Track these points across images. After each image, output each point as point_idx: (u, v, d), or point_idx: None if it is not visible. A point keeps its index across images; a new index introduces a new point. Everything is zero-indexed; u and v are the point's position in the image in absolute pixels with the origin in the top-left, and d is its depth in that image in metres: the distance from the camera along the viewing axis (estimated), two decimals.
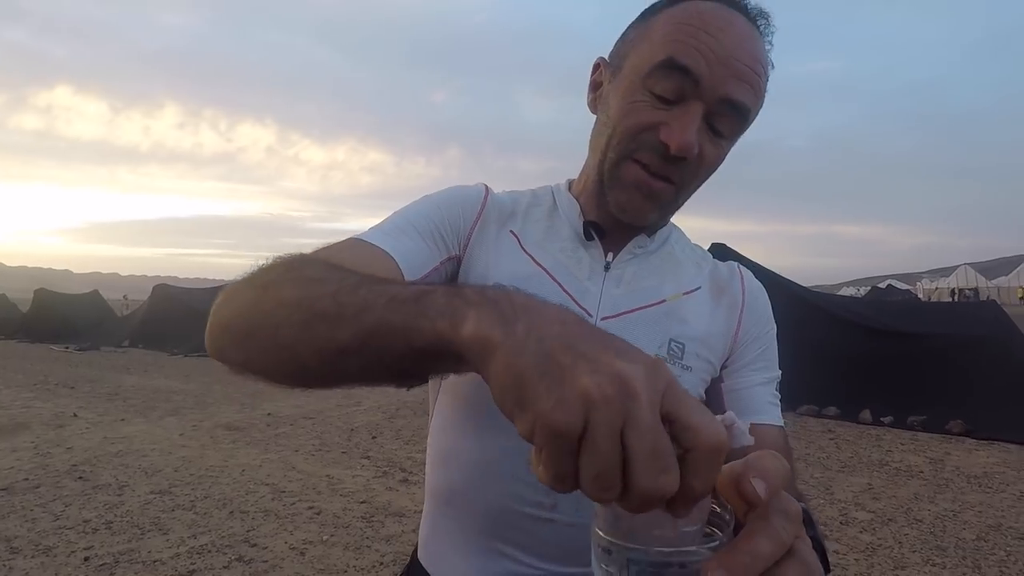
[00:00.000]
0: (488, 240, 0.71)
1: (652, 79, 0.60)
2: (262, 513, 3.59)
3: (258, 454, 4.95)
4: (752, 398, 0.71)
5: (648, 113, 0.61)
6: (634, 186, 0.63)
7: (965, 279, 54.73)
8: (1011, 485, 4.03)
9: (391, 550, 3.06)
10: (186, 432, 5.72)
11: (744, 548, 0.31)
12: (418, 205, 0.71)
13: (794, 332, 7.82)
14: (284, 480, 4.24)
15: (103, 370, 10.56)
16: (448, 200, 0.72)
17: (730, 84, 0.59)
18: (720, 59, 0.58)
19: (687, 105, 0.60)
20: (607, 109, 0.66)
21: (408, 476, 4.32)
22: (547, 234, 0.72)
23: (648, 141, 0.61)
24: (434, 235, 0.69)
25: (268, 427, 5.99)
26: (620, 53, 0.66)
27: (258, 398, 7.75)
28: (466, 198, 0.73)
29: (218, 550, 3.06)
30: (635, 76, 0.62)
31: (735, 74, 0.59)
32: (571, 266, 0.70)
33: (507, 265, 0.69)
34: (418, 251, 0.66)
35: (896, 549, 3.06)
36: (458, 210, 0.71)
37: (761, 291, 0.77)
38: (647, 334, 0.67)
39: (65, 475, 4.31)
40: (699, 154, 0.61)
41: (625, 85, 0.63)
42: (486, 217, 0.72)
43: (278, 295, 0.44)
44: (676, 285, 0.71)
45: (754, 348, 0.73)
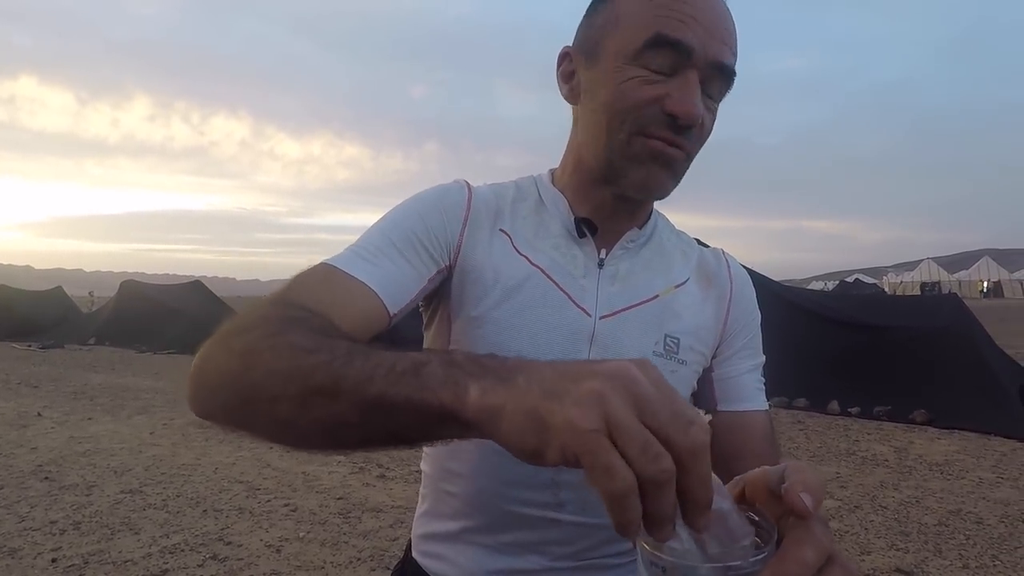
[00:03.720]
0: (481, 243, 0.69)
1: (645, 57, 0.60)
2: (236, 511, 3.54)
3: (231, 452, 4.87)
4: (741, 386, 0.73)
5: (648, 88, 0.60)
6: (652, 159, 0.62)
7: (929, 273, 56.53)
8: (970, 472, 4.20)
9: (368, 545, 3.05)
10: (156, 430, 5.60)
11: (792, 558, 0.33)
12: (399, 217, 0.68)
13: (765, 325, 7.99)
14: (259, 478, 4.18)
15: (68, 368, 10.25)
16: (430, 207, 0.69)
17: (717, 48, 0.60)
18: (704, 26, 0.59)
19: (685, 75, 0.60)
20: (594, 96, 0.64)
21: (385, 472, 4.30)
22: (537, 231, 0.71)
23: (654, 115, 0.61)
24: (418, 250, 0.66)
25: None
26: (590, 39, 0.65)
27: None
28: (449, 202, 0.70)
29: (191, 549, 3.01)
30: (622, 57, 0.61)
31: (719, 38, 0.60)
32: (566, 264, 0.69)
33: (503, 268, 0.68)
34: (400, 275, 0.63)
35: (862, 535, 3.17)
36: (442, 217, 0.68)
37: (747, 279, 0.78)
38: (644, 330, 0.68)
39: (30, 476, 4.18)
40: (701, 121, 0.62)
41: (611, 67, 0.62)
42: (474, 219, 0.70)
43: (266, 365, 0.42)
44: (667, 278, 0.72)
45: (741, 337, 0.75)
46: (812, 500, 0.34)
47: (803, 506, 0.34)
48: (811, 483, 0.35)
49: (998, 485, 3.92)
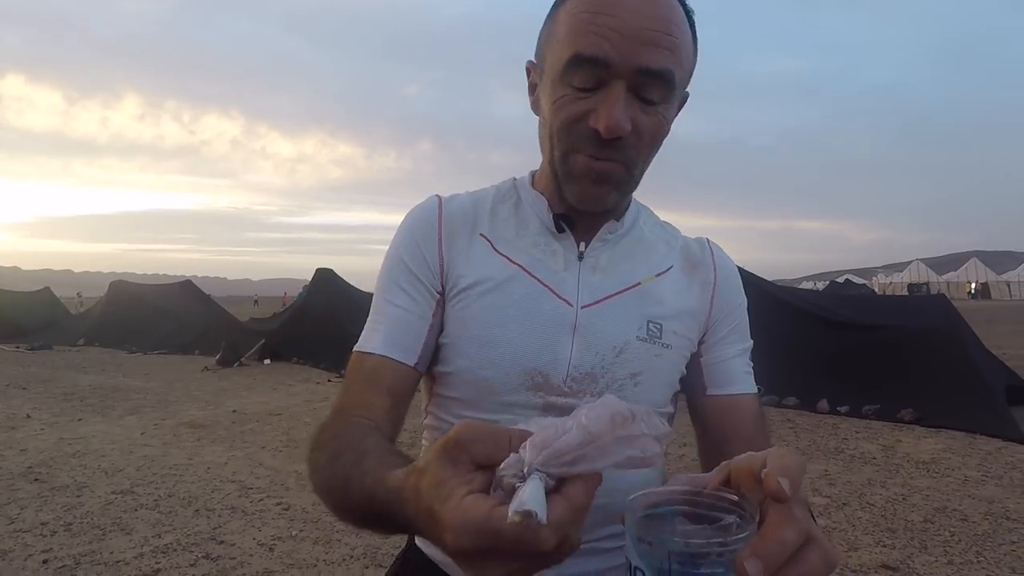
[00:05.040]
0: (460, 252, 0.72)
1: (568, 75, 0.61)
2: (229, 510, 3.54)
3: (224, 451, 4.86)
4: (730, 370, 0.75)
5: (573, 106, 0.62)
6: (583, 175, 0.64)
7: (917, 274, 57.04)
8: (956, 471, 4.26)
9: (361, 543, 3.05)
10: (147, 431, 5.57)
11: (772, 537, 0.35)
12: (388, 267, 0.73)
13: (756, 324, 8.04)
14: (251, 477, 4.18)
15: (57, 369, 10.17)
16: (406, 244, 0.72)
17: (642, 55, 0.59)
18: (624, 35, 0.58)
19: (608, 88, 0.60)
20: (542, 110, 0.68)
21: None
22: (517, 231, 0.73)
23: (581, 131, 0.62)
24: (411, 295, 0.71)
25: (234, 424, 5.88)
26: (541, 54, 0.68)
27: (222, 396, 7.59)
28: (420, 229, 0.73)
29: (184, 548, 3.01)
30: (554, 74, 0.63)
31: (645, 43, 0.59)
32: (546, 260, 0.71)
33: (484, 271, 0.70)
34: (406, 329, 0.70)
35: (850, 532, 3.21)
36: (418, 249, 0.72)
37: (732, 266, 0.79)
38: (625, 317, 0.70)
39: (20, 477, 4.16)
40: (635, 128, 0.61)
41: (549, 84, 0.64)
42: (448, 233, 0.72)
43: (318, 483, 0.60)
44: (648, 267, 0.73)
45: (728, 322, 0.76)
46: (790, 484, 0.36)
47: (780, 489, 0.36)
48: (790, 468, 0.37)
49: (983, 483, 3.98)
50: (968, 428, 5.30)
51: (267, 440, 5.24)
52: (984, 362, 6.66)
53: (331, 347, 10.30)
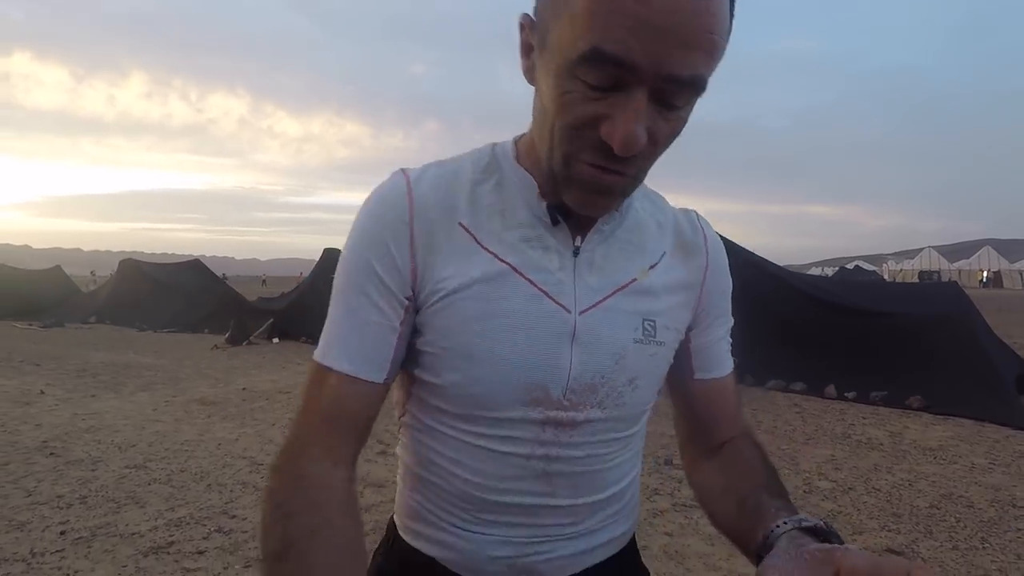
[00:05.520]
0: (437, 250, 0.62)
1: (581, 69, 0.50)
2: (240, 485, 3.59)
3: (234, 428, 4.92)
4: (716, 353, 0.74)
5: (583, 106, 0.52)
6: (586, 185, 0.56)
7: (929, 262, 56.51)
8: (963, 458, 4.25)
9: (371, 519, 3.10)
10: (159, 407, 5.65)
11: None
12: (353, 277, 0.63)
13: (765, 309, 8.00)
14: (261, 453, 4.24)
15: (69, 347, 10.30)
16: (374, 244, 0.62)
17: (675, 59, 0.48)
18: (657, 32, 0.47)
19: (628, 94, 0.50)
20: (541, 93, 0.57)
21: (386, 448, 4.35)
22: (504, 220, 0.63)
23: (590, 139, 0.53)
24: (384, 308, 0.62)
25: (243, 402, 5.95)
26: (543, 17, 0.55)
27: (232, 373, 7.67)
28: (388, 222, 0.62)
29: (197, 522, 3.07)
30: (562, 60, 0.51)
31: (680, 44, 0.48)
32: (539, 258, 0.63)
33: (469, 271, 0.61)
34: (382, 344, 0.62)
35: (855, 516, 3.22)
36: (387, 249, 0.62)
37: (721, 245, 0.75)
38: (624, 319, 0.65)
39: (35, 452, 4.24)
40: (651, 137, 0.52)
41: (553, 69, 0.53)
42: (420, 226, 0.62)
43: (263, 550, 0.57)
44: (643, 258, 0.68)
45: (716, 306, 0.73)
46: None
47: None
48: None
49: (990, 471, 3.98)
50: (977, 416, 5.28)
51: (276, 417, 5.31)
52: (995, 350, 6.62)
53: None
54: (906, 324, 6.60)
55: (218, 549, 2.78)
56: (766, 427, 5.04)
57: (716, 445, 0.73)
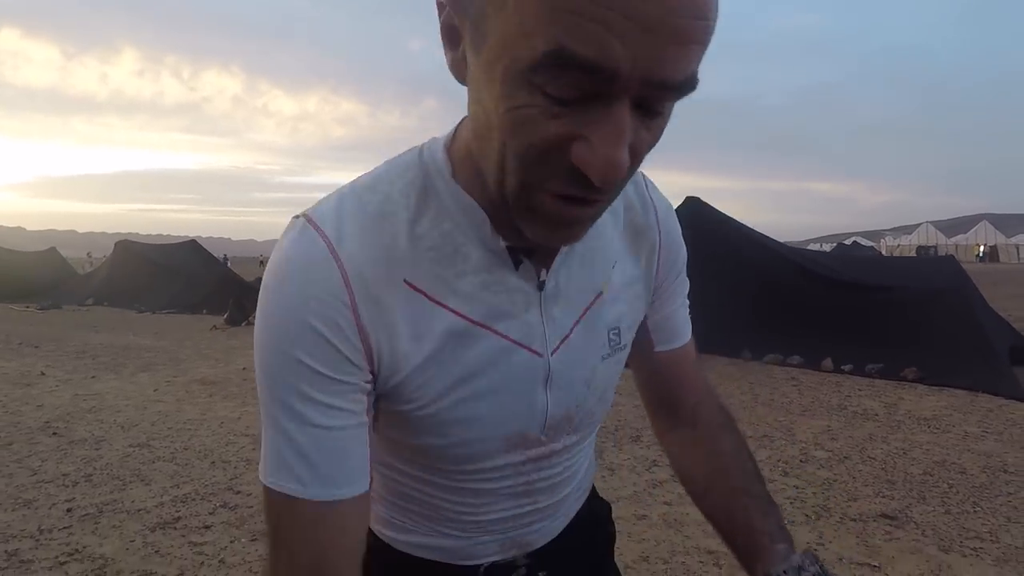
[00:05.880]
0: (386, 320, 0.49)
1: (539, 76, 0.37)
2: (244, 462, 3.64)
3: (236, 407, 4.96)
4: (675, 324, 0.70)
5: (545, 125, 0.39)
6: (554, 220, 0.44)
7: (927, 237, 56.55)
8: (956, 427, 4.32)
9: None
10: (160, 388, 5.68)
11: None
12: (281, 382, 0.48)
13: (763, 285, 8.00)
14: None
15: (68, 328, 10.31)
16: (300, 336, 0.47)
17: (667, 59, 0.36)
18: (644, 27, 0.35)
19: (605, 106, 0.38)
20: (479, 98, 0.42)
21: None
22: (454, 265, 0.51)
23: (555, 164, 0.40)
24: (342, 407, 0.49)
25: (244, 381, 5.98)
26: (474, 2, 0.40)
27: (232, 353, 7.70)
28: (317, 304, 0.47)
29: (202, 498, 3.11)
30: (510, 63, 0.38)
31: (672, 39, 0.36)
32: (502, 303, 0.53)
33: (429, 337, 0.51)
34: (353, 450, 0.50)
35: (850, 484, 3.28)
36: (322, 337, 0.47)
37: (670, 211, 0.66)
38: (591, 341, 0.59)
39: (39, 431, 4.27)
40: (632, 152, 0.40)
41: (499, 72, 0.39)
42: (360, 294, 0.48)
43: None
44: (604, 263, 0.59)
45: (671, 278, 0.67)
46: None
47: None
48: None
49: (983, 438, 4.04)
50: (970, 386, 5.34)
51: None
52: (990, 323, 6.67)
53: None
54: (903, 298, 6.63)
55: (224, 524, 2.82)
56: (763, 399, 5.10)
57: (686, 411, 0.73)
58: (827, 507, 2.98)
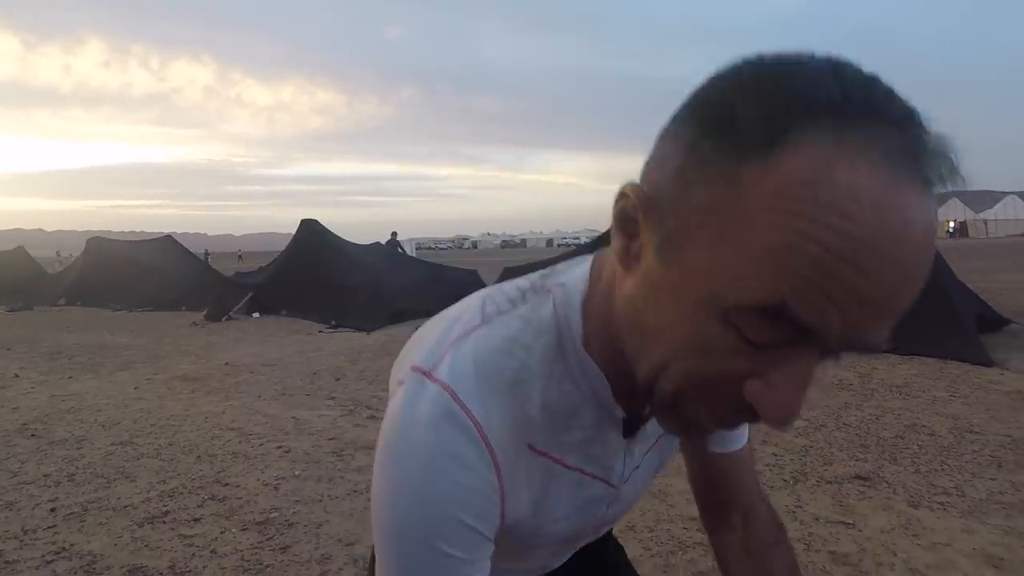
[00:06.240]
0: (517, 484, 0.51)
1: (740, 317, 0.36)
2: (230, 455, 3.63)
3: (220, 402, 4.93)
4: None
5: (729, 359, 0.38)
6: (697, 428, 0.44)
7: None
8: (926, 392, 4.48)
9: (363, 479, 3.17)
10: (141, 386, 5.61)
11: None
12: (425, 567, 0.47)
13: None
14: (249, 424, 4.27)
15: (40, 329, 10.07)
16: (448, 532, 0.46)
17: (872, 329, 0.36)
18: (865, 305, 0.34)
19: (796, 355, 0.37)
20: (654, 303, 0.41)
21: (375, 413, 4.41)
22: (567, 421, 0.52)
23: (724, 392, 0.39)
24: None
25: (227, 376, 5.94)
26: (675, 212, 0.38)
27: (213, 349, 7.61)
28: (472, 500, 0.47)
29: (190, 492, 3.10)
30: (709, 294, 0.37)
31: (885, 315, 0.36)
32: (599, 454, 0.55)
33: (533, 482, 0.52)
34: None
35: (826, 449, 3.40)
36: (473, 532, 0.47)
37: None
38: (656, 461, 0.63)
39: (16, 434, 4.19)
40: None
41: (691, 296, 0.38)
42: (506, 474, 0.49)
43: None
44: None
45: None
46: None
47: None
48: None
49: (950, 402, 4.20)
50: (940, 354, 5.53)
51: (262, 390, 5.31)
52: (958, 294, 6.87)
53: (320, 298, 10.30)
54: None
55: (214, 515, 2.82)
56: None
57: (736, 516, 0.73)
58: (804, 471, 3.09)
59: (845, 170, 0.33)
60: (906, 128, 0.34)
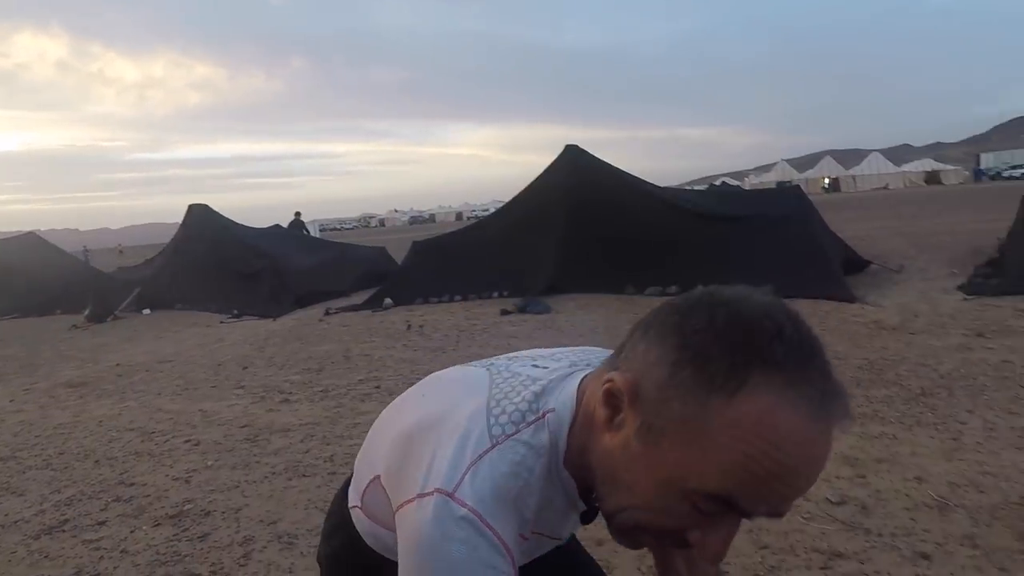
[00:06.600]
0: None
1: (697, 497, 0.52)
2: (133, 456, 3.42)
3: (114, 404, 4.59)
4: None
5: (681, 520, 0.54)
6: (637, 546, 0.62)
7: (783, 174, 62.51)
8: None
9: (281, 461, 3.12)
10: (17, 397, 5.08)
11: None
12: None
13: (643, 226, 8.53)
14: (151, 422, 4.02)
15: None
16: None
17: (785, 508, 0.52)
18: (785, 495, 0.51)
19: (727, 519, 0.54)
20: (630, 464, 0.55)
21: (288, 397, 4.30)
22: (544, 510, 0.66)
23: (671, 535, 0.57)
24: None
25: (120, 377, 5.51)
26: (658, 410, 0.53)
27: (101, 351, 7.01)
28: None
29: (89, 497, 2.91)
30: (677, 478, 0.52)
31: (797, 497, 0.52)
32: (560, 526, 0.73)
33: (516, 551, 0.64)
34: None
35: None
36: None
37: None
38: None
39: None
40: None
41: (663, 477, 0.53)
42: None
43: None
44: None
45: None
46: None
47: None
48: None
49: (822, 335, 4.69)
50: (814, 295, 6.19)
51: (161, 387, 4.99)
52: (828, 242, 7.70)
53: (218, 288, 9.70)
54: (760, 224, 7.46)
55: (120, 516, 2.67)
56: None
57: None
58: None
59: (783, 416, 0.48)
60: (823, 383, 0.50)
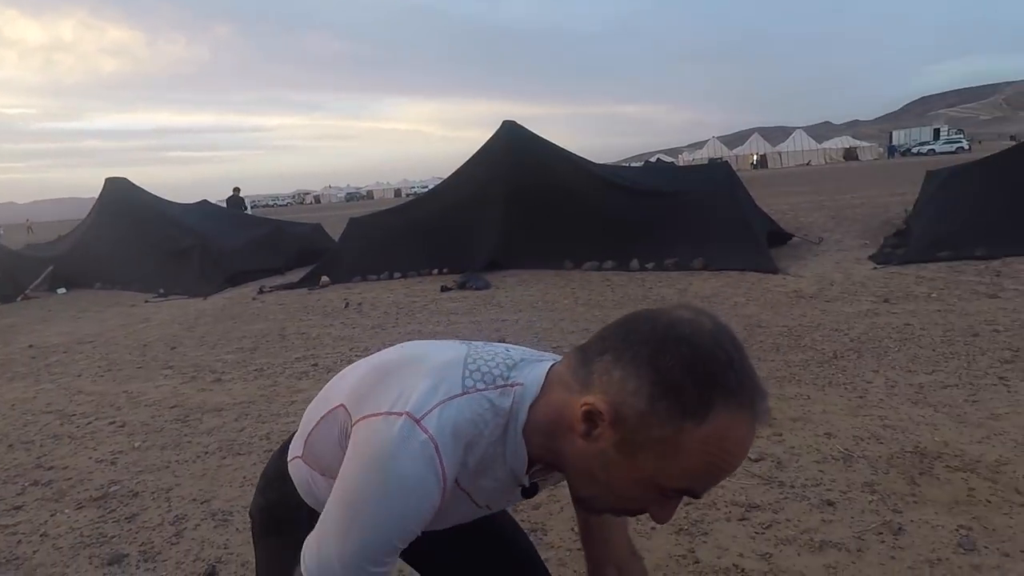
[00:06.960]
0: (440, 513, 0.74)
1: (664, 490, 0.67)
2: (51, 439, 3.25)
3: (28, 387, 4.32)
4: None
5: (646, 503, 0.70)
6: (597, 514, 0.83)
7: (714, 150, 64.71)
8: (729, 299, 5.32)
9: (214, 440, 3.05)
10: None
11: None
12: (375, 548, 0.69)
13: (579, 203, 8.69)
14: (71, 404, 3.82)
15: None
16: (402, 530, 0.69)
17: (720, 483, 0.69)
18: (722, 478, 0.67)
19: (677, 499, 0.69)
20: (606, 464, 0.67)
21: (220, 376, 4.18)
22: (485, 475, 0.74)
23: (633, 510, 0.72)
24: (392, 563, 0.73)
25: (33, 359, 5.18)
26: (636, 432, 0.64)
27: (9, 333, 6.54)
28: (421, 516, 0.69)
29: (3, 482, 2.76)
30: (652, 479, 0.66)
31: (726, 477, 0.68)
32: (499, 499, 0.81)
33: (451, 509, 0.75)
34: None
35: None
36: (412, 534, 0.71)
37: None
38: None
39: None
40: None
41: (640, 477, 0.66)
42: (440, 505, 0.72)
43: None
44: None
45: None
46: None
47: None
48: None
49: (746, 305, 5.05)
50: (741, 268, 6.54)
51: (82, 368, 4.73)
52: (754, 216, 8.10)
53: (142, 266, 9.17)
54: (690, 200, 7.75)
55: (39, 500, 2.56)
56: (583, 301, 5.74)
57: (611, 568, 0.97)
58: None
59: (736, 429, 0.63)
60: (755, 393, 0.63)
